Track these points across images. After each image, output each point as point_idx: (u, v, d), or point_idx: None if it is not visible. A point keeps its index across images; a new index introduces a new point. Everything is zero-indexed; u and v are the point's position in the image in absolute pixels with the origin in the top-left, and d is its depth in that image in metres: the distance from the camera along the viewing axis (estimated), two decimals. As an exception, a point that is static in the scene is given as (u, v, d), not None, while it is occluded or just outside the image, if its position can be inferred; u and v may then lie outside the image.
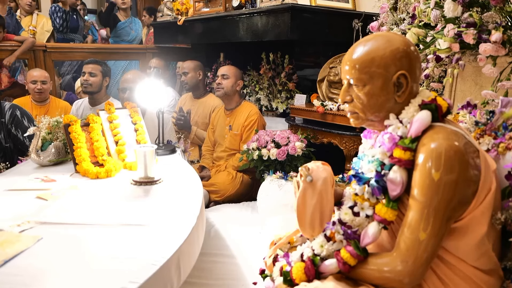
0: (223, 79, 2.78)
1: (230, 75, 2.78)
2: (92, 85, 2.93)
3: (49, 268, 0.93)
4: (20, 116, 2.32)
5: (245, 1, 2.84)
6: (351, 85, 1.05)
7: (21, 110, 2.37)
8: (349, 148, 2.28)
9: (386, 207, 0.95)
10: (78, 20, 4.43)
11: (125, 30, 4.53)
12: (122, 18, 4.58)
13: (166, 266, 0.97)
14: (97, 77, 2.93)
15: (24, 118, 2.35)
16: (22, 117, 2.33)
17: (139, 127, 1.95)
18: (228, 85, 2.77)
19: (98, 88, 2.96)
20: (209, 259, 1.70)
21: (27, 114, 2.40)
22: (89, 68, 2.93)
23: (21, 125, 2.31)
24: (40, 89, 3.04)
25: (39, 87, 3.04)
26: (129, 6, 4.55)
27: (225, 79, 2.77)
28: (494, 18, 1.26)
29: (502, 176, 1.04)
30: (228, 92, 2.78)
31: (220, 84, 2.77)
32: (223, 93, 2.78)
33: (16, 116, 2.31)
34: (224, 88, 2.76)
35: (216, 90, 2.80)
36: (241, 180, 2.63)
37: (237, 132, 2.75)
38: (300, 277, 1.01)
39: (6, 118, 2.29)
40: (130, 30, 4.53)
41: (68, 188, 1.48)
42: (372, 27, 1.88)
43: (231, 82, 2.77)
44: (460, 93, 1.65)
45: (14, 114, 2.31)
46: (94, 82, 2.92)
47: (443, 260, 0.95)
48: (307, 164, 1.11)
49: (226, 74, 2.78)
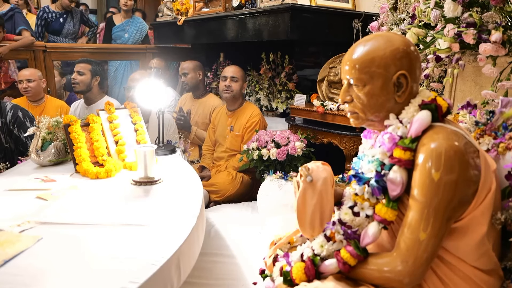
0: (233, 81, 2.73)
1: (239, 78, 2.75)
2: (80, 84, 2.94)
3: (49, 268, 0.93)
4: (22, 117, 2.31)
5: (245, 1, 2.84)
6: (351, 85, 1.05)
7: (23, 111, 2.37)
8: (349, 148, 2.28)
9: (386, 207, 0.95)
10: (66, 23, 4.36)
11: (117, 34, 4.50)
12: (119, 20, 4.54)
13: (166, 266, 0.97)
14: (85, 75, 2.94)
15: (26, 119, 2.34)
16: (24, 118, 2.32)
17: (139, 127, 1.95)
18: (237, 88, 2.75)
19: (87, 87, 2.96)
20: (209, 259, 1.70)
21: (29, 115, 2.40)
22: (78, 67, 2.96)
23: (24, 126, 2.31)
24: (26, 87, 3.01)
25: (25, 85, 3.01)
26: (130, 8, 4.53)
27: (234, 82, 2.73)
28: (494, 18, 1.26)
29: (502, 176, 1.04)
30: (236, 95, 2.76)
31: (230, 86, 2.72)
32: (232, 96, 2.75)
33: (18, 117, 2.31)
34: (233, 91, 2.73)
35: (225, 93, 2.74)
36: (241, 180, 2.63)
37: (239, 133, 2.74)
38: (300, 277, 1.01)
39: (7, 118, 2.28)
40: (123, 33, 4.49)
41: (68, 188, 1.48)
42: (372, 27, 1.88)
43: (239, 85, 2.76)
44: (460, 93, 1.65)
45: (16, 115, 2.31)
46: (81, 81, 2.94)
47: (443, 260, 0.96)
48: (307, 164, 1.11)
49: (236, 76, 2.74)
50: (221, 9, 3.02)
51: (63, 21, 4.33)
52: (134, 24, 4.55)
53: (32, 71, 3.15)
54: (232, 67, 2.83)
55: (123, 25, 4.51)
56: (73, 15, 4.42)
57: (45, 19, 4.23)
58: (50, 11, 4.25)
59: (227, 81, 2.74)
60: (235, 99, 2.78)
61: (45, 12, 4.25)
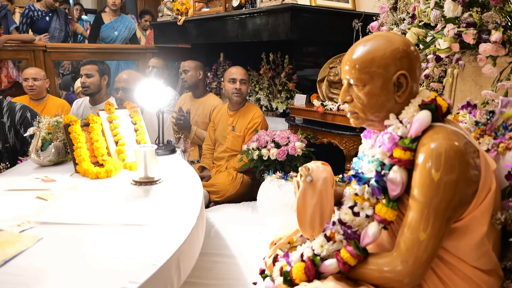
0: (242, 84, 2.71)
1: (247, 80, 2.75)
2: (91, 87, 2.91)
3: (49, 268, 0.93)
4: (30, 118, 2.31)
5: (245, 1, 2.84)
6: (351, 85, 1.05)
7: (31, 112, 2.36)
8: (349, 148, 2.28)
9: (386, 207, 0.95)
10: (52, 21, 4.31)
11: (105, 32, 4.49)
12: (108, 19, 4.53)
13: (166, 266, 0.97)
14: (94, 77, 2.91)
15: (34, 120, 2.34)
16: (32, 119, 2.32)
17: (139, 127, 1.95)
18: (246, 90, 2.75)
19: (97, 88, 2.94)
20: (209, 259, 1.70)
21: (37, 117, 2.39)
22: (85, 69, 2.91)
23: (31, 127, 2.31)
24: (31, 86, 3.04)
25: (31, 84, 3.04)
26: (119, 7, 4.52)
27: (243, 84, 2.72)
28: (494, 18, 1.26)
29: (502, 176, 1.04)
30: (245, 97, 2.77)
31: (240, 89, 2.70)
32: (242, 99, 2.75)
33: (26, 118, 2.31)
34: (243, 94, 2.73)
35: (235, 96, 2.71)
36: (241, 180, 2.63)
37: (240, 134, 2.74)
38: (300, 277, 1.01)
39: (16, 118, 2.29)
40: (113, 31, 4.48)
41: (68, 188, 1.48)
42: (372, 27, 1.88)
43: (247, 87, 2.77)
44: (460, 93, 1.65)
45: (24, 115, 2.31)
46: (92, 83, 2.90)
47: (443, 260, 0.96)
48: (307, 164, 1.11)
49: (245, 79, 2.73)
50: (221, 9, 3.02)
51: (49, 20, 4.26)
52: (123, 22, 4.53)
53: (37, 70, 3.17)
54: (238, 68, 2.79)
55: (112, 23, 4.49)
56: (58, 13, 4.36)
57: (31, 17, 4.18)
58: (35, 9, 4.20)
59: (236, 83, 2.70)
60: (243, 100, 2.78)
61: (31, 10, 4.19)
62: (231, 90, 2.72)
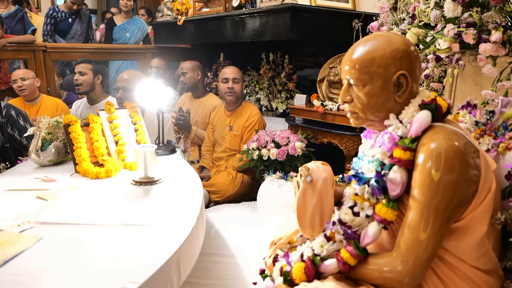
0: (235, 83, 2.73)
1: (240, 79, 2.76)
2: (83, 84, 2.94)
3: (49, 268, 0.93)
4: (15, 116, 2.31)
5: (245, 1, 2.84)
6: (351, 85, 1.05)
7: (16, 109, 2.36)
8: (349, 148, 2.28)
9: (386, 207, 0.95)
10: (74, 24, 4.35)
11: (118, 34, 4.51)
12: (120, 21, 4.55)
13: (166, 266, 0.97)
14: (87, 75, 2.94)
15: (19, 118, 2.34)
16: (18, 117, 2.32)
17: (139, 127, 1.95)
18: (239, 89, 2.76)
19: (90, 86, 2.97)
20: (209, 259, 1.70)
21: (22, 113, 2.39)
22: (79, 67, 2.96)
23: (17, 124, 2.31)
24: (20, 86, 3.03)
25: (19, 84, 3.03)
26: (131, 9, 4.54)
27: (236, 83, 2.73)
28: (494, 18, 1.26)
29: (502, 176, 1.04)
30: (238, 96, 2.78)
31: (233, 88, 2.72)
32: (235, 98, 2.76)
33: (11, 116, 2.30)
34: (236, 93, 2.74)
35: (228, 95, 2.74)
36: (241, 180, 2.63)
37: (238, 133, 2.74)
38: (300, 277, 1.01)
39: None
40: (124, 33, 4.50)
41: (68, 188, 1.48)
42: (372, 27, 1.88)
43: (241, 86, 2.77)
44: (460, 93, 1.65)
45: (8, 113, 2.30)
46: (84, 81, 2.94)
47: (443, 260, 0.96)
48: (307, 164, 1.11)
49: (237, 78, 2.74)
50: (221, 9, 3.02)
51: (71, 22, 4.31)
52: (135, 24, 4.57)
53: (25, 70, 3.17)
54: (231, 68, 2.82)
55: (124, 25, 4.52)
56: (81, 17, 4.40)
57: (55, 17, 4.21)
58: (59, 10, 4.24)
59: (229, 83, 2.72)
60: (237, 99, 2.78)
61: (55, 11, 4.22)
62: (224, 90, 2.75)
